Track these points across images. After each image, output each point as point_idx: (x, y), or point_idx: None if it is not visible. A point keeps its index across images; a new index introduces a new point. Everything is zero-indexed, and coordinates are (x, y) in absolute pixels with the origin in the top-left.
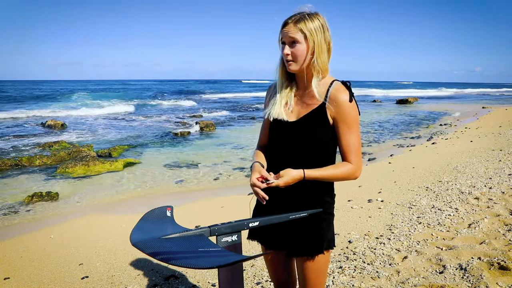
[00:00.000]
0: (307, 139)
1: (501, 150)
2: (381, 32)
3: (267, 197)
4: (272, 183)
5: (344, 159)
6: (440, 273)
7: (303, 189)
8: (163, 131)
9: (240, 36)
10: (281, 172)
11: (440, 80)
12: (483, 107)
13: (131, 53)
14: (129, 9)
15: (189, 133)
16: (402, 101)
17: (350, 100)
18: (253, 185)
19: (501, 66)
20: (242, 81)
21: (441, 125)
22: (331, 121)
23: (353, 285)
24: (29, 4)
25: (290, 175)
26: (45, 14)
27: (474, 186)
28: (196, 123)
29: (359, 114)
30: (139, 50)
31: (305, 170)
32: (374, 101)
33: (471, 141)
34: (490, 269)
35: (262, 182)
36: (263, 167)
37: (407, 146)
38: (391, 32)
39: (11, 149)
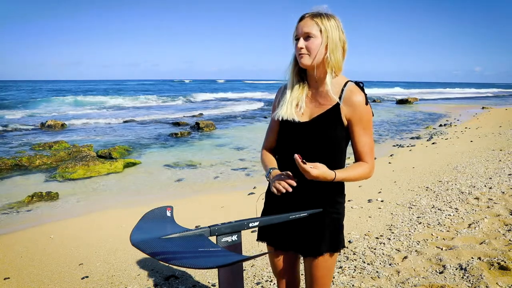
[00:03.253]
0: (320, 140)
1: (501, 150)
2: (380, 31)
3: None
4: (306, 165)
5: (359, 159)
6: (440, 273)
7: (319, 190)
8: (163, 131)
9: (240, 36)
10: (316, 164)
11: (439, 80)
12: (482, 107)
13: (130, 53)
14: (129, 9)
15: (189, 133)
16: (402, 101)
17: (366, 103)
18: (280, 176)
19: (501, 66)
20: (244, 81)
21: (441, 125)
22: (345, 122)
23: (353, 285)
24: (29, 3)
25: (323, 171)
26: (44, 12)
27: (474, 186)
28: (196, 123)
29: (373, 115)
30: (139, 50)
31: (336, 171)
32: (374, 101)
33: (471, 141)
34: (490, 269)
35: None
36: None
37: (407, 146)
38: (390, 31)
39: (11, 149)
